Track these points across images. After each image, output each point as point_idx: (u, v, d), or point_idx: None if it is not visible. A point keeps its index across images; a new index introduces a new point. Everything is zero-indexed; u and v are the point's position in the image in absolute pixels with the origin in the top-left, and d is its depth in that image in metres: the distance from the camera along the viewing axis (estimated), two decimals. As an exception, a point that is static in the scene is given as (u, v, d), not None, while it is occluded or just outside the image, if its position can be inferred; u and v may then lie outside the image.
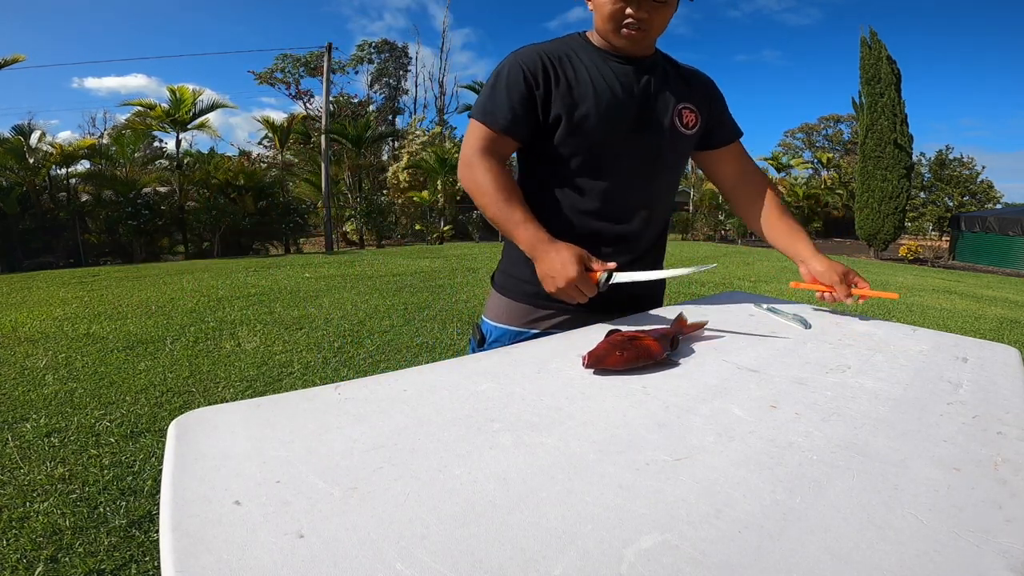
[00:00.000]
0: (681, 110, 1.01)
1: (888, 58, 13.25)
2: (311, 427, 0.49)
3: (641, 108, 0.98)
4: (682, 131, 1.01)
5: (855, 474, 0.44)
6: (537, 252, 0.88)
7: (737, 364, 0.68)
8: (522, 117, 0.94)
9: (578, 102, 0.94)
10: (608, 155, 0.97)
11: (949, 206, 25.01)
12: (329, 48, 13.99)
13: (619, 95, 0.95)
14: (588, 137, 0.95)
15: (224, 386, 2.88)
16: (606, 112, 0.94)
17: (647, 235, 1.05)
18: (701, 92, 1.06)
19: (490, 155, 0.95)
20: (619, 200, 1.00)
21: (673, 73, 1.04)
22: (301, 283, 6.44)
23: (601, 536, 0.35)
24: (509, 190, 0.93)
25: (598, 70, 0.96)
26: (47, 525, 1.62)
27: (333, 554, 0.33)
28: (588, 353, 0.65)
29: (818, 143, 38.60)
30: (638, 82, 0.98)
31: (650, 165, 1.00)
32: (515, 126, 0.95)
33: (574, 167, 0.98)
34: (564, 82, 0.94)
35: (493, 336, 1.06)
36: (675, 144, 1.01)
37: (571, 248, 0.86)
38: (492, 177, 0.92)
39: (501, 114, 0.94)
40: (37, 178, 11.08)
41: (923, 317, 5.70)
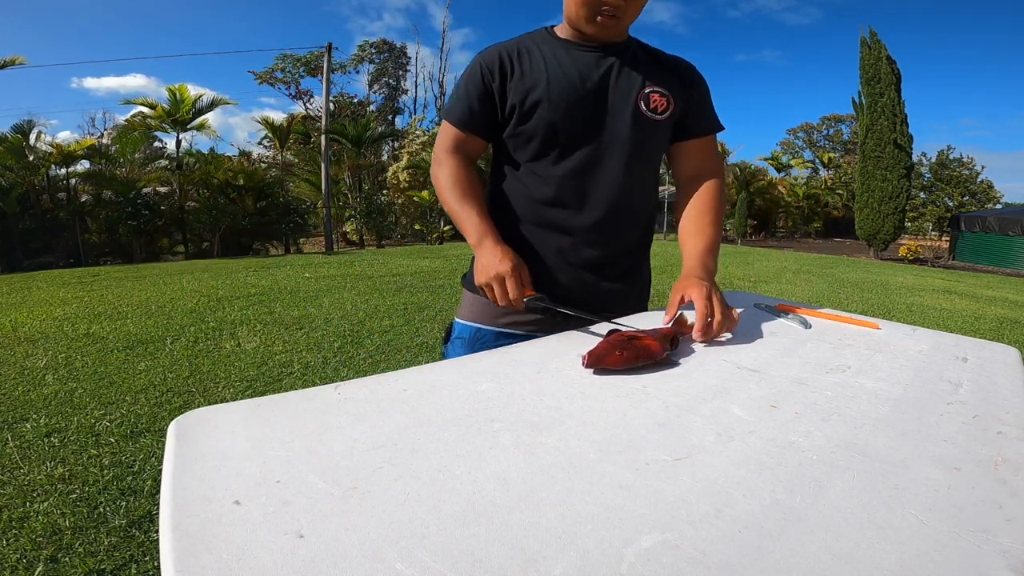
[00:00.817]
0: (649, 94, 0.96)
1: (888, 58, 13.25)
2: (311, 427, 0.49)
3: (599, 92, 0.95)
4: (649, 116, 0.96)
5: (855, 474, 0.44)
6: (481, 245, 0.90)
7: (737, 364, 0.68)
8: (479, 113, 0.97)
9: (530, 89, 0.94)
10: (563, 141, 0.95)
11: (949, 206, 25.01)
12: (329, 48, 13.99)
13: (574, 80, 0.94)
14: (541, 123, 0.94)
15: (224, 386, 2.88)
16: (558, 97, 0.93)
17: (618, 231, 1.00)
18: (677, 77, 1.00)
19: (455, 153, 0.99)
20: (578, 188, 0.97)
21: (646, 58, 1.00)
22: (301, 283, 6.44)
23: (601, 536, 0.35)
24: (466, 186, 0.96)
25: (556, 59, 0.95)
26: (47, 525, 1.62)
27: (333, 554, 0.33)
28: (588, 353, 0.64)
29: (819, 143, 38.61)
30: (599, 67, 0.95)
31: (610, 151, 0.96)
32: (474, 122, 0.98)
33: (530, 155, 0.98)
34: (519, 72, 0.95)
35: (457, 332, 1.06)
36: (641, 129, 0.96)
37: (513, 254, 0.88)
38: (451, 173, 0.97)
39: (461, 112, 0.98)
40: (37, 178, 11.08)
41: (923, 317, 5.70)
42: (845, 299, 6.64)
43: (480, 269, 0.88)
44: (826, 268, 10.34)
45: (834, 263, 11.56)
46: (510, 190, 1.01)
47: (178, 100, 12.65)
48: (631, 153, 0.97)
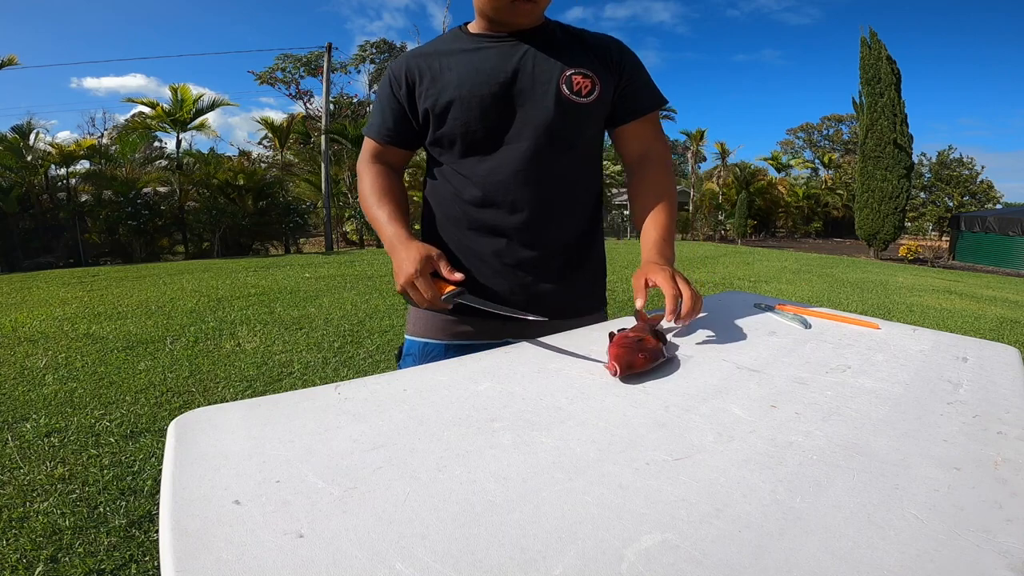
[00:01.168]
0: (571, 76, 0.90)
1: (888, 58, 13.25)
2: (311, 427, 0.49)
3: (515, 83, 0.90)
4: (573, 99, 0.90)
5: (855, 473, 0.44)
6: (392, 249, 0.87)
7: (737, 364, 0.68)
8: (392, 124, 0.97)
9: (440, 92, 0.91)
10: (484, 139, 0.92)
11: (949, 206, 25.02)
12: (329, 48, 13.99)
13: (486, 74, 0.90)
14: (458, 124, 0.91)
15: (224, 386, 2.88)
16: (470, 94, 0.90)
17: (553, 226, 0.95)
18: (603, 57, 0.94)
19: (374, 163, 0.99)
20: (505, 185, 0.92)
21: (566, 40, 0.95)
22: (301, 283, 6.43)
23: (601, 535, 0.35)
24: (381, 192, 0.95)
25: (467, 56, 0.92)
26: (47, 525, 1.62)
27: (333, 554, 0.33)
28: (614, 362, 0.62)
29: (819, 143, 38.62)
30: (514, 56, 0.91)
31: (536, 143, 0.91)
32: (388, 134, 0.98)
33: (454, 157, 0.95)
34: (428, 77, 0.93)
35: (407, 349, 1.02)
36: (566, 115, 0.91)
37: (421, 249, 0.83)
38: (368, 181, 0.97)
39: (375, 123, 0.99)
40: (37, 178, 11.08)
41: (923, 317, 5.70)
42: (845, 299, 6.64)
43: (395, 275, 0.84)
44: (826, 268, 10.34)
45: (834, 263, 11.56)
46: (441, 195, 0.98)
47: (179, 100, 12.65)
48: (559, 141, 0.92)
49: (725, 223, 21.02)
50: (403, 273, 0.81)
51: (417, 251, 0.82)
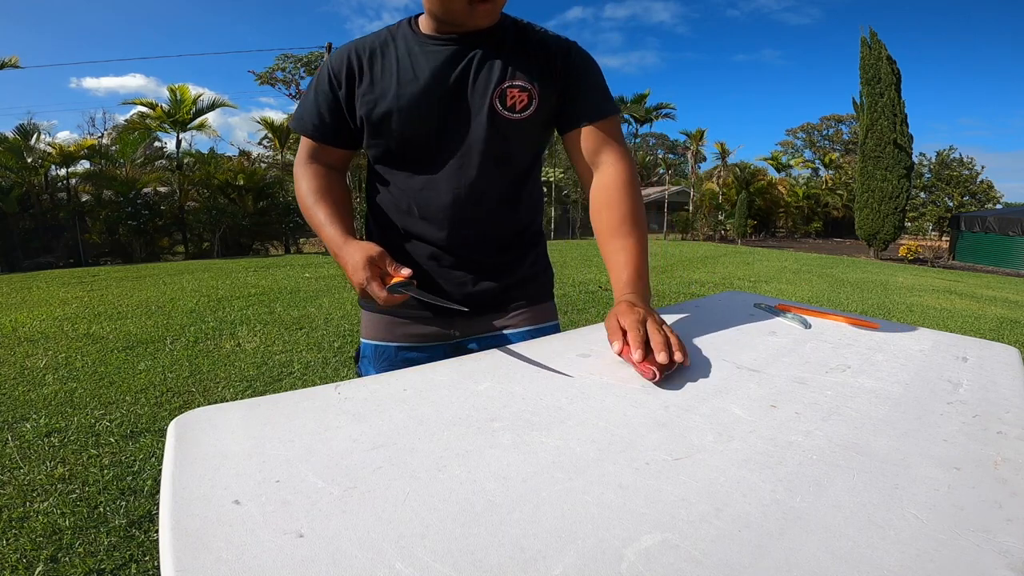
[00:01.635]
0: (506, 90, 0.86)
1: (888, 58, 13.26)
2: (311, 426, 0.49)
3: (454, 95, 0.86)
4: (506, 115, 0.86)
5: (855, 473, 0.44)
6: (335, 255, 0.84)
7: (737, 364, 0.68)
8: (329, 122, 0.90)
9: (378, 100, 0.86)
10: (418, 152, 0.89)
11: (949, 206, 25.02)
12: (329, 48, 13.99)
13: (425, 85, 0.85)
14: (393, 136, 0.88)
15: (224, 386, 2.88)
16: (408, 107, 0.85)
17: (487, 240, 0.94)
18: (544, 65, 0.88)
19: (311, 162, 0.93)
20: (437, 201, 0.89)
21: (512, 45, 0.88)
22: (301, 283, 6.44)
23: (601, 535, 0.35)
24: (317, 193, 0.89)
25: (410, 59, 0.87)
26: (47, 525, 1.62)
27: (333, 553, 0.33)
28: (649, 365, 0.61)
29: (819, 143, 38.64)
30: (457, 64, 0.86)
31: (469, 160, 0.88)
32: (325, 134, 0.91)
33: (390, 167, 0.92)
34: (368, 79, 0.87)
35: (362, 351, 1.01)
36: (498, 130, 0.86)
37: (363, 250, 0.80)
38: (304, 183, 0.91)
39: (309, 120, 0.91)
40: (37, 178, 11.09)
41: (923, 317, 5.70)
42: (845, 299, 6.64)
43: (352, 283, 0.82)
44: (826, 268, 10.34)
45: (834, 263, 11.56)
46: (379, 198, 0.97)
47: (178, 100, 12.66)
48: (492, 158, 0.88)
49: (725, 223, 21.03)
50: (355, 280, 0.80)
51: (360, 255, 0.79)
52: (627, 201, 0.87)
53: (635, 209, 0.88)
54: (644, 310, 0.71)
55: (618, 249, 0.85)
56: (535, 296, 1.01)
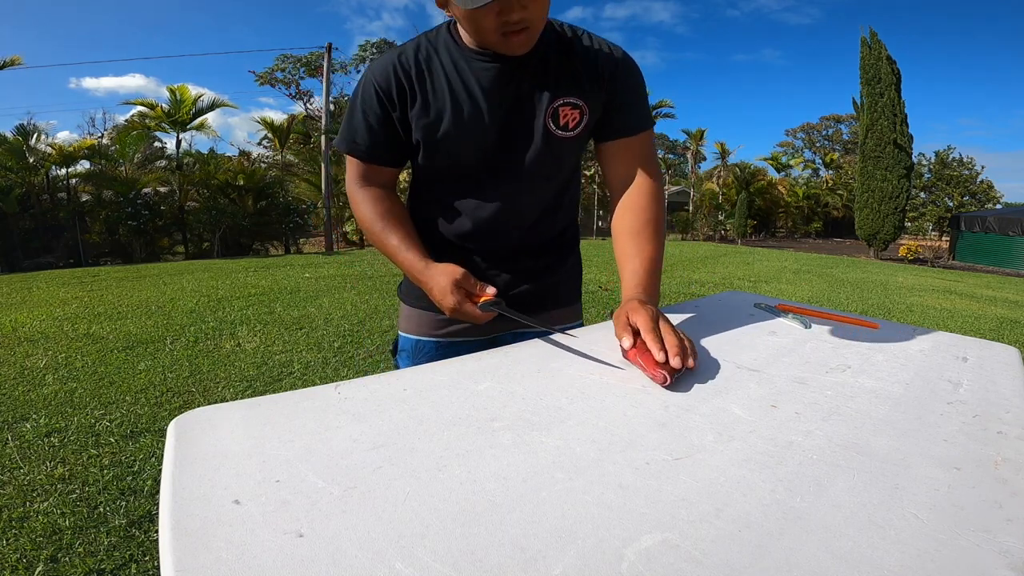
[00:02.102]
0: (558, 108, 0.86)
1: (888, 58, 13.26)
2: (311, 426, 0.49)
3: (510, 119, 0.86)
4: (557, 134, 0.87)
5: (855, 473, 0.44)
6: (418, 280, 0.85)
7: (737, 363, 0.68)
8: (383, 143, 0.88)
9: (435, 121, 0.85)
10: (471, 171, 0.90)
11: (949, 206, 25.03)
12: (329, 48, 14.00)
13: (481, 108, 0.85)
14: (447, 156, 0.88)
15: (224, 386, 2.88)
16: (465, 129, 0.85)
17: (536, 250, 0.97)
18: (594, 77, 0.88)
19: (367, 184, 0.91)
20: (492, 221, 0.92)
21: (558, 60, 0.86)
22: (301, 283, 6.44)
23: (601, 535, 0.35)
24: (385, 217, 0.89)
25: (460, 77, 0.85)
26: (47, 525, 1.62)
27: (332, 553, 0.33)
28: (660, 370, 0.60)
29: (818, 143, 38.66)
30: (507, 85, 0.85)
31: (525, 180, 0.90)
32: (378, 153, 0.89)
33: (439, 184, 0.93)
34: (420, 99, 0.85)
35: (401, 345, 1.04)
36: (552, 150, 0.89)
37: (447, 273, 0.80)
38: (367, 208, 0.90)
39: (362, 142, 0.88)
40: (37, 178, 11.09)
41: (923, 317, 5.70)
42: (845, 299, 6.64)
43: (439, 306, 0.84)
44: (826, 268, 10.34)
45: (834, 263, 11.56)
46: (427, 212, 0.97)
47: (178, 100, 12.66)
48: (545, 174, 0.91)
49: (725, 223, 21.03)
50: (445, 307, 0.81)
51: (446, 278, 0.80)
52: (651, 209, 0.89)
53: (657, 218, 0.89)
54: (656, 311, 0.71)
55: (635, 252, 0.86)
56: (567, 298, 1.04)
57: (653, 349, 0.63)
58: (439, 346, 0.99)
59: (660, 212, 0.90)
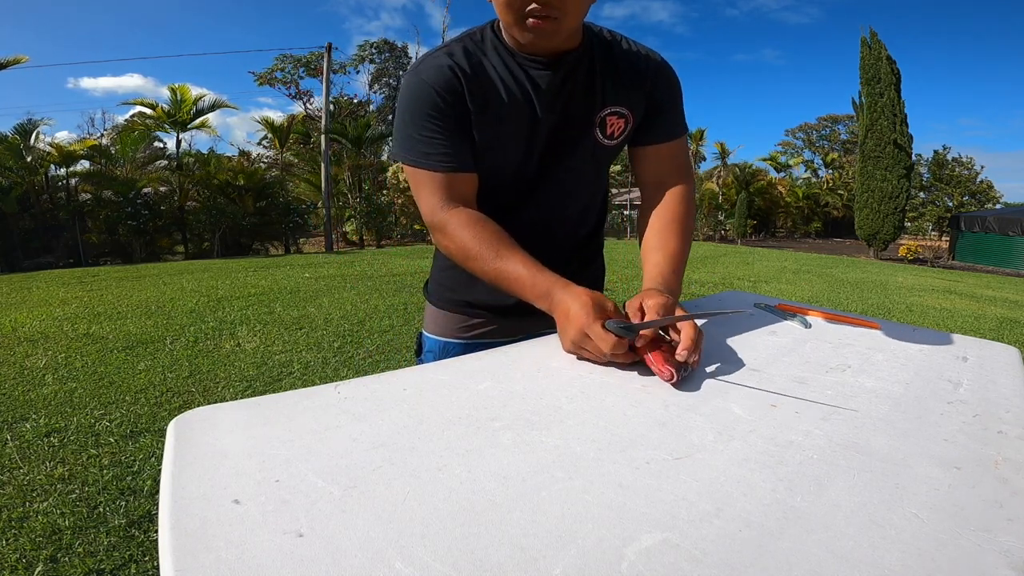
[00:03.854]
0: (606, 117, 0.86)
1: (888, 58, 13.27)
2: (311, 426, 0.49)
3: (561, 126, 0.85)
4: (603, 142, 0.88)
5: (856, 473, 0.44)
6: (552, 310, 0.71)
7: (737, 363, 0.68)
8: (464, 146, 0.80)
9: (493, 123, 0.82)
10: (519, 176, 0.89)
11: (949, 206, 25.02)
12: (329, 48, 14.00)
13: (537, 112, 0.83)
14: (493, 168, 0.85)
15: (224, 386, 2.88)
16: (510, 136, 0.84)
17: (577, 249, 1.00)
18: (638, 87, 0.87)
19: (452, 203, 0.80)
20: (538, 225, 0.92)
21: (603, 67, 0.85)
22: (301, 283, 6.43)
23: (601, 535, 0.35)
24: (496, 241, 0.77)
25: (514, 80, 0.81)
26: (46, 525, 1.62)
27: (332, 553, 0.33)
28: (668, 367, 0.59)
29: (817, 143, 38.68)
30: (560, 92, 0.83)
31: (565, 184, 0.91)
32: (462, 158, 0.80)
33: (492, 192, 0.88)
34: (479, 99, 0.80)
35: (428, 346, 1.04)
36: (598, 158, 0.90)
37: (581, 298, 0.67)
38: (467, 233, 0.77)
39: (441, 152, 0.79)
40: (37, 178, 11.09)
41: (923, 317, 5.70)
42: (845, 299, 6.64)
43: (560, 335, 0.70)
44: (826, 268, 10.34)
45: (834, 263, 11.56)
46: None
47: (179, 100, 12.66)
48: (588, 182, 0.93)
49: (725, 223, 21.04)
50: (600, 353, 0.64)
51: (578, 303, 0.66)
52: (679, 209, 0.90)
53: (685, 217, 0.89)
54: (671, 299, 0.70)
55: (658, 246, 0.86)
56: None
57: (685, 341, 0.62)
58: (467, 347, 1.00)
59: (689, 213, 0.91)
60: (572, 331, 0.65)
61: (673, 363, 0.60)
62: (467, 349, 0.99)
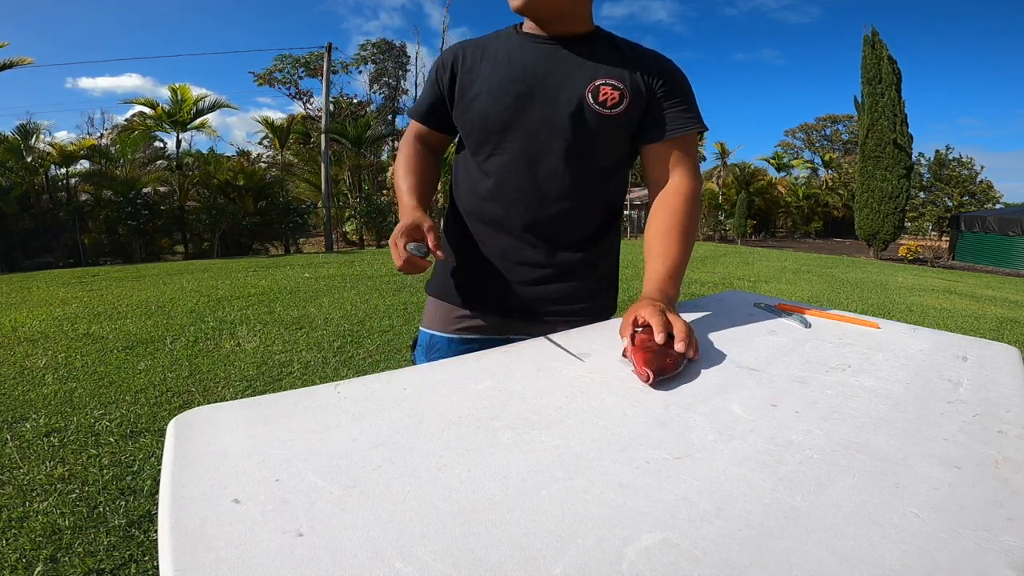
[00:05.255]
0: (600, 86, 0.88)
1: (889, 58, 13.27)
2: (311, 425, 0.49)
3: (545, 83, 0.89)
4: (597, 108, 0.88)
5: (856, 472, 0.44)
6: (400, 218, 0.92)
7: (737, 363, 0.68)
8: (432, 106, 1.00)
9: (474, 80, 0.93)
10: (500, 131, 0.91)
11: (949, 206, 25.01)
12: (329, 48, 13.99)
13: (518, 70, 0.90)
14: (479, 114, 0.92)
15: (224, 386, 2.88)
16: (498, 87, 0.90)
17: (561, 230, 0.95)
18: (639, 70, 0.90)
19: (414, 143, 1.04)
20: (515, 183, 0.92)
21: (608, 50, 0.91)
22: (301, 283, 6.43)
23: (601, 534, 0.35)
24: (409, 168, 1.01)
25: (508, 52, 0.92)
26: (46, 525, 1.62)
27: (332, 552, 0.33)
28: (645, 368, 0.60)
29: (817, 143, 38.68)
30: (552, 58, 0.90)
31: (551, 145, 0.90)
32: (428, 116, 1.02)
33: (473, 147, 0.96)
34: (467, 65, 0.94)
35: (420, 341, 1.08)
36: (587, 123, 0.88)
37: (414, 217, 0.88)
38: (402, 158, 1.03)
39: (418, 105, 1.03)
40: (36, 178, 11.09)
41: (923, 317, 5.70)
42: (845, 299, 6.64)
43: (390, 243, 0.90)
44: (826, 268, 10.34)
45: (834, 263, 11.56)
46: (460, 184, 1.01)
47: (179, 100, 12.66)
48: (576, 147, 0.90)
49: (725, 223, 21.03)
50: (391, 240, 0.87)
51: (410, 217, 0.88)
52: (683, 211, 0.90)
53: (688, 220, 0.90)
54: (664, 307, 0.72)
55: (659, 252, 0.87)
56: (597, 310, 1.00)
57: (656, 333, 0.65)
58: (451, 342, 1.02)
59: (692, 214, 0.91)
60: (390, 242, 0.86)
61: (654, 365, 0.61)
62: (451, 344, 1.02)
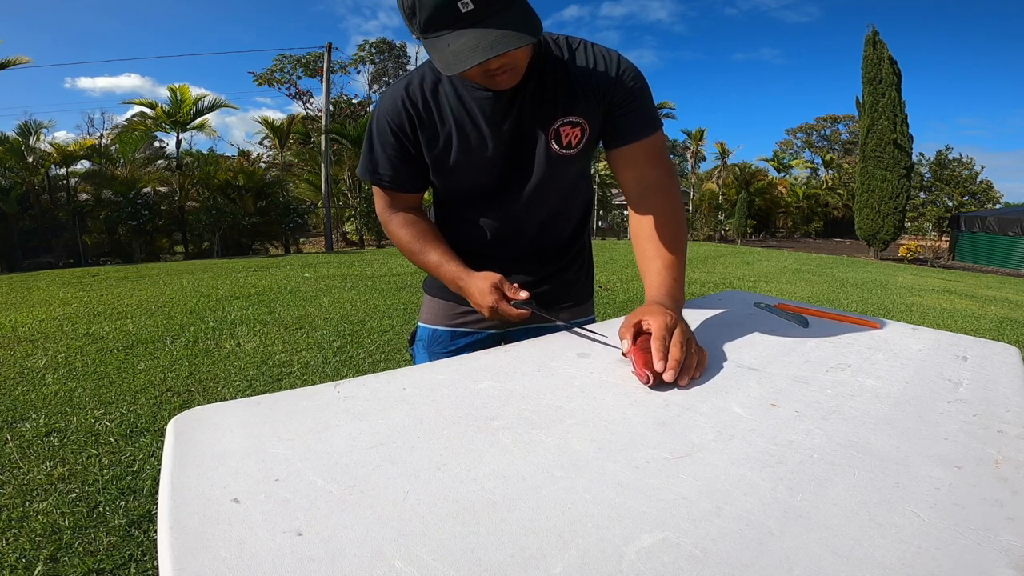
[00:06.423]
0: (559, 128, 0.89)
1: (889, 58, 13.27)
2: (310, 425, 0.49)
3: (512, 145, 0.90)
4: (561, 153, 0.90)
5: (856, 472, 0.43)
6: (461, 288, 0.93)
7: (737, 362, 0.68)
8: (405, 171, 0.94)
9: (444, 151, 0.90)
10: (483, 193, 0.96)
11: (949, 206, 25.00)
12: (329, 48, 13.99)
13: (485, 137, 0.88)
14: (461, 183, 0.95)
15: (224, 386, 2.88)
16: (473, 159, 0.90)
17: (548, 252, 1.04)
18: (593, 94, 0.88)
19: (394, 211, 0.98)
20: (502, 231, 0.99)
21: (553, 80, 0.88)
22: (301, 283, 6.43)
23: (601, 534, 0.35)
24: (422, 238, 0.96)
25: (464, 107, 0.88)
26: (46, 525, 1.62)
27: (332, 552, 0.33)
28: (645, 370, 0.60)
29: (817, 143, 38.69)
30: (508, 113, 0.88)
31: (531, 196, 0.94)
32: (401, 181, 0.95)
33: (454, 204, 1.01)
34: (430, 130, 0.90)
35: (419, 335, 1.11)
36: (556, 168, 0.92)
37: (486, 279, 0.89)
38: (403, 232, 0.97)
39: (384, 173, 0.94)
40: (36, 178, 11.09)
41: (923, 317, 5.70)
42: (845, 299, 6.64)
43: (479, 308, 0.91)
44: (826, 268, 10.34)
45: (834, 263, 11.56)
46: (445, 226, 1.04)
47: (179, 100, 12.66)
48: (551, 190, 0.95)
49: (725, 223, 21.03)
50: (484, 306, 0.88)
51: (486, 283, 0.88)
52: (667, 209, 0.89)
53: (675, 217, 0.89)
54: (674, 317, 0.69)
55: (656, 254, 0.86)
56: (579, 296, 1.11)
57: (655, 357, 0.62)
58: (454, 335, 1.06)
59: (677, 211, 0.90)
60: (485, 309, 0.88)
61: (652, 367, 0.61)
62: (454, 337, 1.06)
